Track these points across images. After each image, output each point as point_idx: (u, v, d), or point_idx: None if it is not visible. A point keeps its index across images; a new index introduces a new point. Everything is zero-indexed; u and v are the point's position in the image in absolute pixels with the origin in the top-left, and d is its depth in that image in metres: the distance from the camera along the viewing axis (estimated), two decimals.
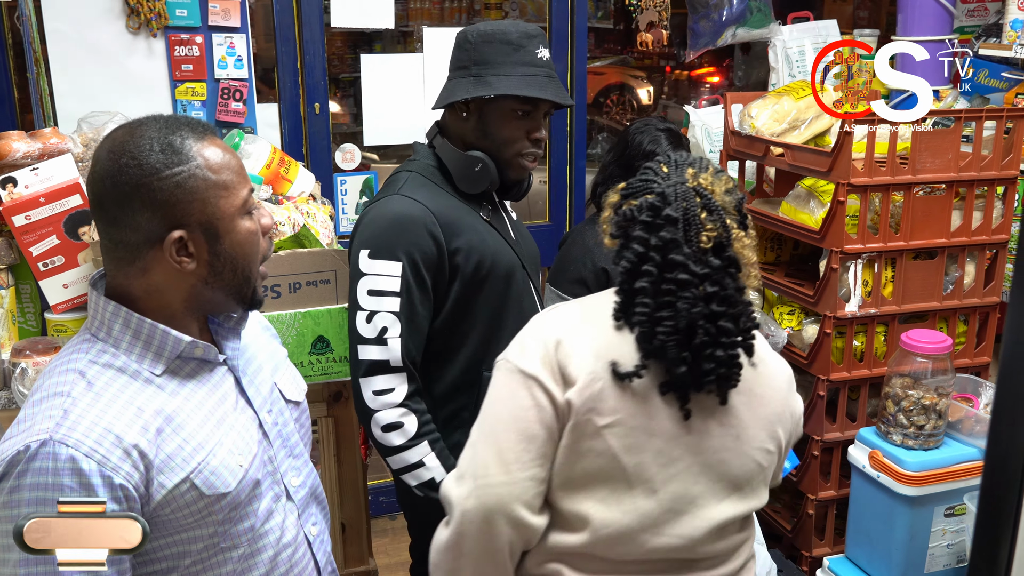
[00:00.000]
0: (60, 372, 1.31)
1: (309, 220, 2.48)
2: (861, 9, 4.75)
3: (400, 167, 2.08)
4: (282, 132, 3.37)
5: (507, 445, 1.42)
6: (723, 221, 1.39)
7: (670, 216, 1.37)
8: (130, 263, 1.33)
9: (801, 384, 2.92)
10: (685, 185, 1.41)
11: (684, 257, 1.36)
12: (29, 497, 1.20)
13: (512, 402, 1.44)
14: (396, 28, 3.50)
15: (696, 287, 1.37)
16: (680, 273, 1.36)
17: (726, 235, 1.39)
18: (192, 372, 1.39)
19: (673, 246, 1.37)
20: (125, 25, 3.02)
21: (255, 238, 1.39)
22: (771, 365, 1.53)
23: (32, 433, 1.22)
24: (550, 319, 1.52)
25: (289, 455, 1.52)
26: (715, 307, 1.37)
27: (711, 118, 3.70)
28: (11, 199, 2.24)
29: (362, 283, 1.90)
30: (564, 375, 1.42)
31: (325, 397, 2.41)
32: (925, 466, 2.42)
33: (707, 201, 1.39)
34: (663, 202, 1.39)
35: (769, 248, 3.19)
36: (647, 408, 1.41)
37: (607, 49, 6.39)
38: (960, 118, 2.65)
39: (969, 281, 2.74)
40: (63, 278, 2.27)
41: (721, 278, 1.38)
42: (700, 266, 1.37)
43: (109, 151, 1.31)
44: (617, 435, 1.40)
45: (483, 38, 1.95)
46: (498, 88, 1.92)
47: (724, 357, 1.39)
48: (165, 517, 1.30)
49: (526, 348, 1.47)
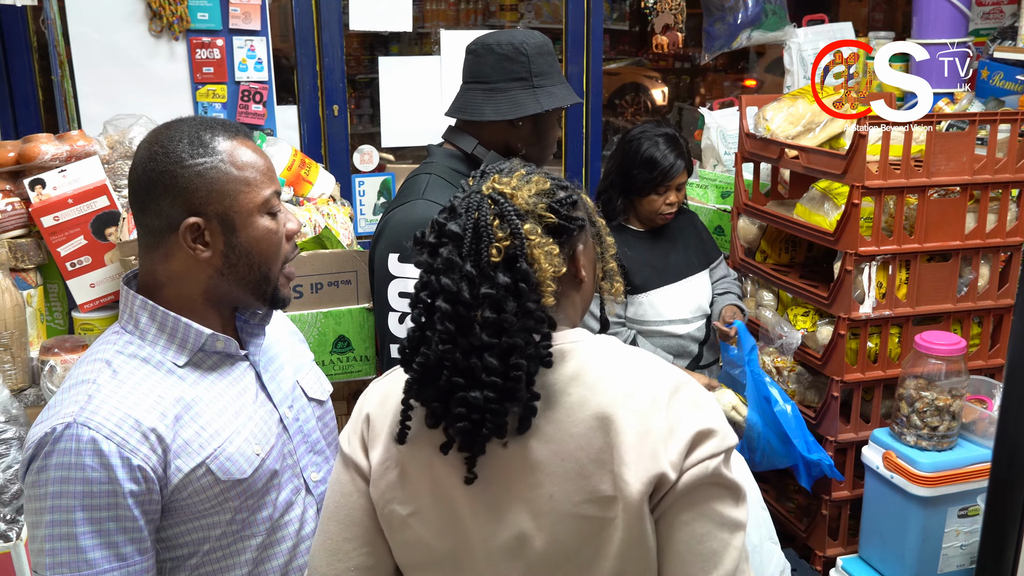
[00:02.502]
0: (89, 361, 1.38)
1: (330, 221, 2.52)
2: (876, 11, 4.76)
3: (418, 169, 2.12)
4: (301, 134, 3.41)
5: (332, 532, 1.31)
6: (516, 228, 1.18)
7: (452, 232, 1.19)
8: (155, 248, 1.39)
9: (815, 385, 2.96)
10: (479, 194, 1.23)
11: (455, 280, 1.16)
12: (54, 476, 1.27)
13: (336, 484, 1.33)
14: (413, 30, 3.54)
15: (460, 316, 1.16)
16: (441, 300, 1.17)
17: (519, 244, 1.18)
18: (214, 365, 1.44)
19: (448, 269, 1.17)
20: (148, 28, 3.07)
21: (275, 238, 1.43)
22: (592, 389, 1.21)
23: (59, 417, 1.29)
24: (378, 383, 1.38)
25: (310, 451, 1.56)
26: (485, 337, 1.16)
27: (726, 120, 3.72)
28: (40, 200, 2.29)
29: (393, 286, 1.94)
30: (368, 458, 1.30)
31: (346, 396, 2.44)
32: (939, 467, 2.43)
33: (501, 208, 1.20)
34: (449, 217, 1.22)
35: (784, 250, 3.21)
36: (444, 484, 1.24)
37: (622, 51, 6.41)
38: (974, 121, 2.66)
39: (983, 283, 2.76)
40: (90, 278, 2.32)
41: (502, 300, 1.15)
42: (485, 284, 1.16)
43: (146, 142, 1.40)
44: (422, 522, 1.25)
45: (536, 50, 2.03)
46: (566, 99, 2.04)
47: (478, 400, 1.16)
48: (183, 502, 1.35)
49: (352, 419, 1.35)
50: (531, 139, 2.05)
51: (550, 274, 1.20)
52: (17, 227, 2.33)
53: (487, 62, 2.04)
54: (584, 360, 1.23)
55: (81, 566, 1.26)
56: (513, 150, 2.05)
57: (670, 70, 6.34)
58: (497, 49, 2.03)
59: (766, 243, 3.21)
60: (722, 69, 5.99)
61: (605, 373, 1.22)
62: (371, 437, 1.29)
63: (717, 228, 3.59)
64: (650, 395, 1.20)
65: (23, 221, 2.34)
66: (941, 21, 3.46)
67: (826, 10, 4.16)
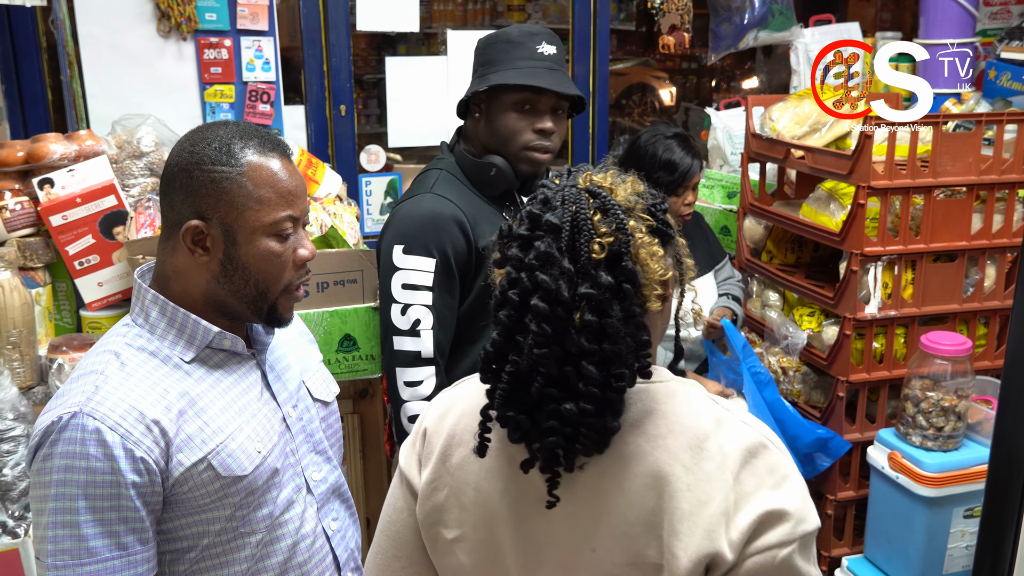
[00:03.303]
0: (99, 352, 1.40)
1: (336, 221, 2.53)
2: (884, 12, 4.75)
3: (430, 165, 2.15)
4: (308, 134, 3.43)
5: (384, 546, 1.27)
6: (622, 224, 1.07)
7: (550, 223, 1.06)
8: (166, 240, 1.42)
9: (820, 385, 2.96)
10: (575, 188, 1.11)
11: (553, 277, 1.04)
12: (59, 464, 1.28)
13: (391, 497, 1.28)
14: (420, 30, 3.55)
15: (561, 318, 1.04)
16: (537, 299, 1.04)
17: (625, 240, 1.06)
18: (220, 362, 1.46)
19: (546, 262, 1.05)
20: (156, 28, 3.09)
21: (277, 261, 1.42)
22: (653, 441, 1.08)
23: (66, 406, 1.31)
24: (445, 394, 1.30)
25: (312, 450, 1.57)
26: (585, 343, 1.04)
27: (732, 121, 3.72)
28: (48, 199, 2.30)
29: (396, 277, 1.96)
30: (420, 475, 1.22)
31: (351, 394, 2.46)
32: (944, 467, 2.43)
33: (602, 201, 1.09)
34: (544, 208, 1.09)
35: (790, 250, 3.21)
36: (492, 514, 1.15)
37: (629, 51, 6.40)
38: (981, 121, 2.66)
39: (990, 284, 2.75)
40: (98, 276, 2.33)
41: (607, 302, 1.04)
42: (585, 284, 1.04)
43: (185, 136, 1.43)
44: (465, 551, 1.18)
45: (487, 41, 2.06)
46: (492, 81, 1.98)
47: (573, 412, 1.04)
48: (184, 495, 1.36)
49: (413, 430, 1.29)
50: (487, 130, 2.06)
51: (658, 276, 1.08)
52: (26, 226, 2.35)
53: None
54: (652, 407, 1.10)
55: (82, 554, 1.28)
56: (488, 147, 2.07)
57: (677, 70, 6.33)
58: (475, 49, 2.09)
59: (772, 243, 3.20)
60: (728, 69, 5.98)
61: (672, 426, 1.09)
62: (425, 454, 1.22)
63: (723, 228, 3.59)
64: (718, 458, 1.05)
65: (32, 220, 2.36)
66: (948, 21, 3.46)
67: (834, 10, 4.15)
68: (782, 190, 3.33)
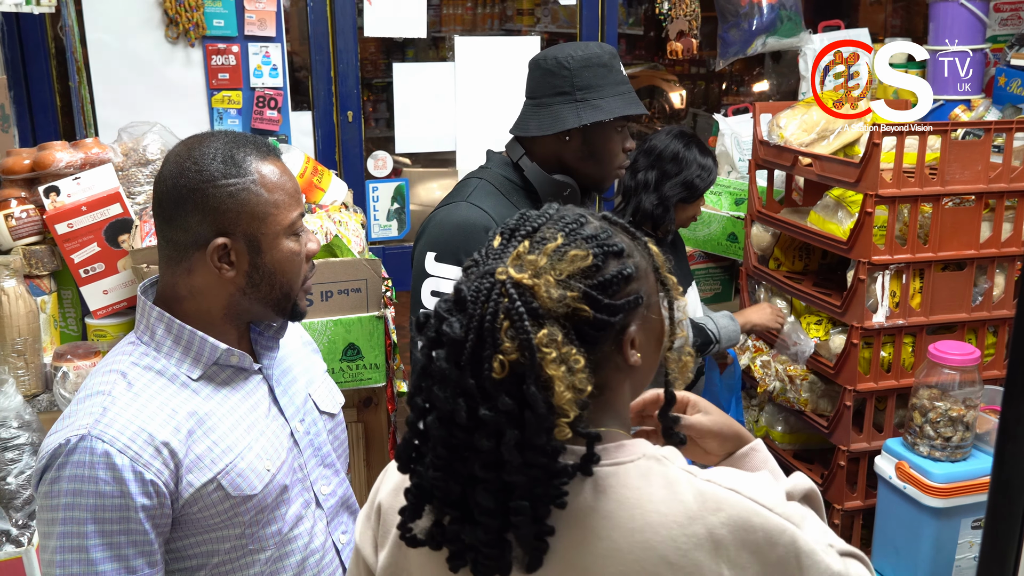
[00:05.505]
0: (104, 372, 1.38)
1: (341, 229, 2.53)
2: (894, 17, 4.73)
3: (471, 173, 2.13)
4: (315, 139, 3.43)
5: None
6: (526, 340, 0.93)
7: (449, 335, 0.96)
8: (178, 262, 1.39)
9: (828, 393, 2.95)
10: (493, 277, 0.97)
11: (447, 398, 0.95)
12: (67, 488, 1.27)
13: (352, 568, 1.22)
14: (428, 35, 3.55)
15: (456, 439, 0.96)
16: (433, 417, 0.97)
17: (529, 360, 0.93)
18: (228, 379, 1.44)
19: (440, 379, 0.96)
20: (164, 35, 3.10)
21: (297, 259, 1.43)
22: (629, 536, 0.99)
23: (73, 428, 1.29)
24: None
25: (320, 464, 1.56)
26: (478, 470, 0.95)
27: (740, 127, 3.71)
28: (54, 207, 2.31)
29: (427, 284, 1.95)
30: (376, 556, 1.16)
31: (355, 403, 2.45)
32: (952, 478, 2.41)
33: (512, 305, 0.95)
34: (453, 308, 0.99)
35: (797, 257, 3.20)
36: None
37: (638, 56, 6.39)
38: (990, 129, 2.64)
39: (998, 293, 2.73)
40: (103, 284, 2.34)
41: (500, 427, 0.94)
42: (485, 405, 0.94)
43: (177, 154, 1.39)
44: None
45: (581, 63, 2.00)
46: (611, 111, 1.99)
47: (480, 537, 0.97)
48: (194, 516, 1.35)
49: (368, 499, 1.22)
50: (581, 153, 2.04)
51: (567, 400, 0.94)
52: (32, 234, 2.36)
53: (534, 77, 2.05)
54: (626, 495, 1.00)
55: None
56: (567, 165, 2.05)
57: (685, 75, 6.33)
58: (542, 64, 2.03)
59: (779, 251, 3.19)
60: (737, 74, 5.97)
61: (649, 517, 0.99)
62: (381, 534, 1.14)
63: (731, 235, 3.57)
64: (708, 545, 0.98)
65: (38, 228, 2.37)
66: (958, 27, 3.44)
67: (843, 16, 4.13)
68: (790, 197, 3.32)
